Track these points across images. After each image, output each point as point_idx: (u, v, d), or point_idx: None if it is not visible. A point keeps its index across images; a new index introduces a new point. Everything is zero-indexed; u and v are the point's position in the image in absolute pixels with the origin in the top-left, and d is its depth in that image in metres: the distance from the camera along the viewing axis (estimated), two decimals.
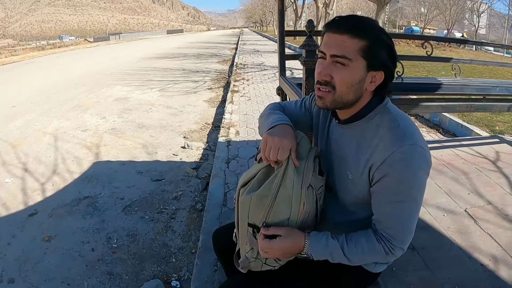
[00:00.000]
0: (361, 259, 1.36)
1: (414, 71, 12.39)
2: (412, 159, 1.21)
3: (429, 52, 4.05)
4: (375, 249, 1.31)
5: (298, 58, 3.11)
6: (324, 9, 29.12)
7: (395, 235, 1.29)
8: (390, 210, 1.28)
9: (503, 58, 24.86)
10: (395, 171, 1.22)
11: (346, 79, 1.26)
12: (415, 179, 1.24)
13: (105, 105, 9.47)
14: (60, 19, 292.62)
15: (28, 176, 5.12)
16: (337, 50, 1.24)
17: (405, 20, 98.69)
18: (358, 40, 1.22)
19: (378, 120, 1.32)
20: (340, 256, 1.33)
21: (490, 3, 63.69)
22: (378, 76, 1.28)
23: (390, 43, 1.27)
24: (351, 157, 1.37)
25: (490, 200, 3.16)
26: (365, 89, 1.30)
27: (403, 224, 1.29)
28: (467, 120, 6.61)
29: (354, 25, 1.23)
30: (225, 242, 1.72)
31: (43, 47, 57.49)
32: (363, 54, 1.23)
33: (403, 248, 1.32)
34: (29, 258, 3.34)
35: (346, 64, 1.24)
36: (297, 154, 1.36)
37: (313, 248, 1.34)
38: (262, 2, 68.43)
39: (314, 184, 1.34)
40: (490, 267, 2.30)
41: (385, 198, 1.28)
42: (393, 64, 1.29)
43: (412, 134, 1.24)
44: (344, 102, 1.31)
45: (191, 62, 20.30)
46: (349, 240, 1.34)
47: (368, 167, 1.29)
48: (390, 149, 1.22)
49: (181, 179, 4.88)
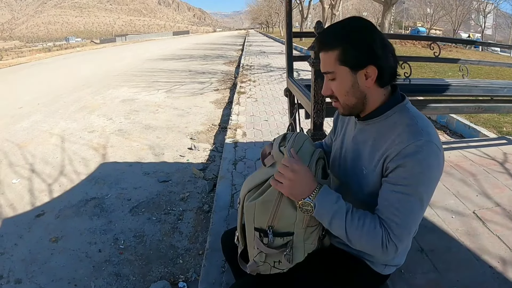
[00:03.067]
0: (357, 237, 1.29)
1: (421, 72, 12.34)
2: (426, 155, 1.21)
3: (437, 53, 4.03)
4: (375, 231, 1.26)
5: (305, 60, 3.10)
6: (330, 10, 29.13)
7: (394, 229, 1.25)
8: (393, 200, 1.26)
9: (509, 58, 24.75)
10: (408, 163, 1.22)
11: (339, 89, 1.35)
12: (425, 175, 1.23)
13: (112, 107, 9.49)
14: (67, 20, 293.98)
15: (35, 177, 5.13)
16: (323, 67, 1.36)
17: (411, 20, 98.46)
18: (331, 52, 1.30)
19: (397, 118, 1.33)
20: (339, 222, 1.28)
21: (496, 4, 63.45)
22: (371, 71, 1.29)
23: (370, 39, 1.28)
24: (366, 152, 1.39)
25: (499, 202, 3.14)
26: (365, 87, 1.33)
27: (403, 220, 1.25)
28: (474, 121, 6.58)
29: (323, 40, 1.33)
30: (234, 244, 1.70)
31: (50, 48, 57.69)
32: (340, 63, 1.30)
33: (397, 247, 1.26)
34: (36, 258, 3.34)
35: (334, 77, 1.33)
36: (300, 157, 1.36)
37: (321, 198, 1.30)
38: (268, 4, 68.50)
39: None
40: (498, 269, 2.28)
41: (392, 187, 1.26)
42: (379, 55, 1.28)
43: (429, 133, 1.25)
44: (352, 106, 1.38)
45: (197, 63, 20.33)
46: (355, 211, 1.31)
47: (383, 159, 1.29)
48: (406, 142, 1.23)
49: (188, 180, 4.87)
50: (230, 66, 18.39)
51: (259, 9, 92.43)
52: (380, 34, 1.31)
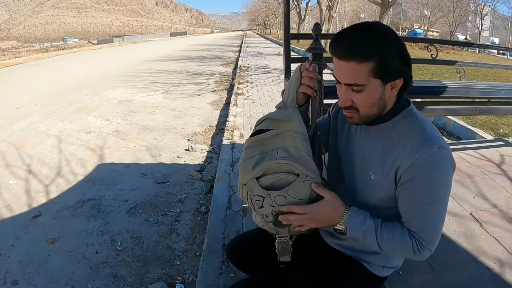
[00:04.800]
0: (390, 248, 1.35)
1: (418, 74, 12.42)
2: (439, 162, 1.24)
3: (434, 55, 4.05)
4: (405, 242, 1.31)
5: (303, 61, 3.10)
6: (327, 11, 29.18)
7: (424, 237, 1.30)
8: (418, 212, 1.29)
9: (506, 60, 24.87)
10: (424, 173, 1.24)
11: (365, 101, 1.28)
12: (442, 181, 1.26)
13: (109, 107, 9.48)
14: (64, 21, 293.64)
15: (32, 178, 5.12)
16: (349, 79, 1.25)
17: (408, 22, 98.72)
18: (366, 64, 1.20)
19: (405, 124, 1.33)
20: (371, 237, 1.33)
21: (493, 6, 63.77)
22: (398, 83, 1.28)
23: (400, 48, 1.24)
24: (375, 158, 1.38)
25: (496, 203, 3.17)
26: (388, 98, 1.31)
27: (431, 226, 1.30)
28: (471, 123, 6.62)
29: (357, 49, 1.20)
30: (242, 252, 1.83)
31: (47, 49, 57.61)
32: (375, 75, 1.22)
33: (431, 250, 1.33)
34: (33, 260, 3.33)
35: (362, 89, 1.25)
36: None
37: (350, 221, 1.35)
38: (266, 5, 68.55)
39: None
40: (495, 271, 2.31)
41: (413, 200, 1.29)
42: (409, 66, 1.28)
43: (438, 138, 1.27)
44: (371, 117, 1.33)
45: (194, 64, 20.32)
46: (384, 226, 1.34)
47: (395, 168, 1.30)
48: (419, 151, 1.23)
49: (185, 181, 4.87)
50: (227, 67, 18.39)
51: (256, 11, 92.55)
52: (400, 39, 1.27)
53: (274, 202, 1.35)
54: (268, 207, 1.37)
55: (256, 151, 1.41)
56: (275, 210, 1.37)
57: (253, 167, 1.37)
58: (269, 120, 1.42)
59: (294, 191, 1.34)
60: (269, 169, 1.36)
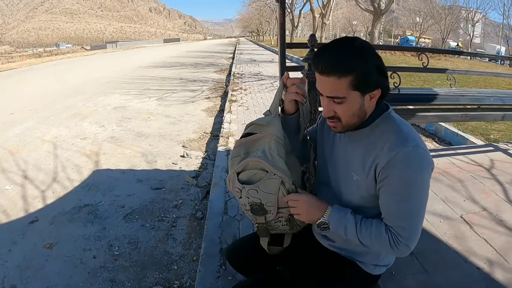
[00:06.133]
0: (369, 243, 1.44)
1: (410, 81, 12.53)
2: (414, 160, 1.32)
3: (425, 63, 4.14)
4: (381, 237, 1.40)
5: (298, 70, 3.18)
6: (320, 19, 29.32)
7: (401, 232, 1.37)
8: (395, 208, 1.38)
9: (497, 67, 25.10)
10: (399, 171, 1.32)
11: (346, 112, 1.38)
12: (418, 178, 1.34)
13: (104, 114, 9.51)
14: (57, 26, 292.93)
15: (28, 184, 5.14)
16: (330, 92, 1.36)
17: (401, 29, 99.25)
18: (345, 78, 1.30)
19: (384, 126, 1.42)
20: (352, 232, 1.44)
21: (484, 13, 64.31)
22: (376, 93, 1.38)
23: (377, 62, 1.34)
24: (357, 160, 1.47)
25: (485, 206, 3.25)
26: (368, 107, 1.40)
27: (408, 222, 1.37)
28: (462, 129, 6.71)
29: (336, 65, 1.30)
30: (241, 255, 1.94)
31: (40, 54, 57.35)
32: (353, 88, 1.32)
33: (409, 246, 1.40)
34: (30, 265, 3.35)
35: (343, 101, 1.35)
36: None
37: (333, 216, 1.48)
38: (259, 12, 68.47)
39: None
40: (485, 270, 2.38)
41: (390, 197, 1.37)
42: (386, 77, 1.39)
43: (414, 138, 1.35)
44: (352, 125, 1.43)
45: (188, 71, 20.37)
46: (363, 221, 1.44)
47: (374, 167, 1.39)
48: (395, 149, 1.32)
49: (181, 187, 4.92)
50: (221, 74, 18.45)
51: (249, 17, 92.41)
52: (378, 53, 1.37)
53: (248, 194, 1.54)
54: (245, 198, 1.56)
55: (242, 150, 1.60)
56: (250, 201, 1.56)
57: (237, 164, 1.56)
58: (255, 125, 1.62)
59: (264, 186, 1.50)
60: (247, 166, 1.54)
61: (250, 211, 1.60)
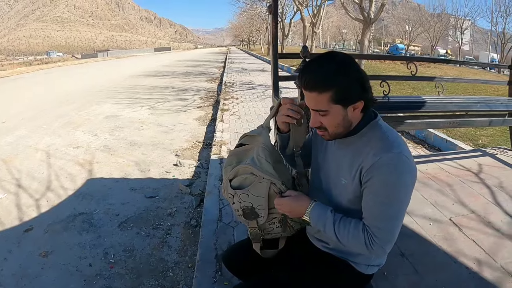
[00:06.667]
0: (347, 242, 1.52)
1: (400, 89, 12.71)
2: (397, 165, 1.40)
3: (414, 72, 4.24)
4: (358, 236, 1.47)
5: (291, 80, 3.25)
6: (311, 28, 29.47)
7: (377, 233, 1.44)
8: (374, 210, 1.46)
9: (486, 74, 25.39)
10: (381, 174, 1.41)
11: (331, 122, 1.48)
12: (400, 184, 1.42)
13: (96, 123, 9.53)
14: (48, 34, 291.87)
15: (22, 192, 5.15)
16: (314, 106, 1.47)
17: (390, 37, 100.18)
18: (325, 94, 1.41)
19: (371, 134, 1.51)
20: (330, 229, 1.52)
21: (473, 20, 65.07)
22: (359, 105, 1.46)
23: (357, 77, 1.43)
24: (345, 165, 1.56)
25: (474, 209, 3.33)
26: (352, 117, 1.49)
27: (385, 224, 1.44)
28: (451, 135, 6.83)
29: (317, 82, 1.41)
30: (238, 260, 2.01)
31: (31, 62, 57.22)
32: (334, 102, 1.42)
33: (384, 248, 1.46)
34: (26, 273, 3.37)
35: (326, 114, 1.45)
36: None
37: (313, 213, 1.58)
38: (250, 21, 68.60)
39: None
40: (474, 270, 2.45)
41: (371, 198, 1.45)
42: (367, 91, 1.47)
43: (399, 145, 1.43)
44: (339, 134, 1.53)
45: (179, 80, 20.43)
46: (342, 220, 1.53)
47: (359, 171, 1.47)
48: (379, 154, 1.41)
49: (175, 196, 4.96)
50: (212, 83, 18.54)
51: (240, 26, 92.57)
52: (360, 68, 1.46)
53: (240, 199, 1.67)
54: (237, 203, 1.69)
55: (234, 159, 1.75)
56: (242, 206, 1.68)
57: (230, 172, 1.70)
58: (248, 136, 1.79)
59: (254, 189, 1.63)
60: (238, 172, 1.67)
61: (243, 216, 1.71)
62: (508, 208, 3.35)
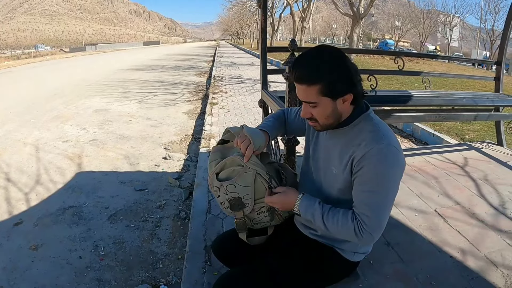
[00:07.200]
0: (336, 231, 1.58)
1: (388, 84, 12.81)
2: (386, 156, 1.46)
3: (401, 66, 4.30)
4: (347, 225, 1.53)
5: (279, 73, 3.29)
6: (300, 22, 29.53)
7: (366, 221, 1.50)
8: (364, 198, 1.51)
9: (474, 70, 25.75)
10: (371, 164, 1.47)
11: (320, 114, 1.55)
12: (388, 173, 1.48)
13: (85, 116, 9.49)
14: (36, 28, 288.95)
15: (11, 186, 5.14)
16: (304, 98, 1.54)
17: (380, 33, 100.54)
18: (314, 86, 1.47)
19: (362, 126, 1.57)
20: (319, 219, 1.59)
21: (462, 17, 65.56)
22: (347, 97, 1.52)
23: (345, 70, 1.49)
24: (336, 155, 1.63)
25: (459, 201, 3.39)
26: (342, 109, 1.55)
27: (374, 213, 1.50)
28: (438, 129, 6.93)
29: (306, 75, 1.48)
30: (227, 249, 2.09)
31: (18, 56, 56.69)
32: (323, 94, 1.49)
33: (372, 235, 1.52)
34: (17, 266, 3.38)
35: (316, 105, 1.52)
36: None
37: (301, 205, 1.66)
38: (239, 15, 68.42)
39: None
40: (458, 259, 2.51)
41: (361, 187, 1.52)
42: (354, 84, 1.52)
43: (389, 137, 1.50)
44: (329, 125, 1.60)
45: (168, 74, 20.36)
46: (331, 210, 1.59)
47: (351, 160, 1.53)
48: (370, 145, 1.47)
49: (164, 188, 4.99)
50: (201, 77, 18.53)
51: (230, 21, 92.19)
52: (350, 61, 1.52)
53: (227, 190, 1.73)
54: (223, 195, 1.75)
55: (218, 155, 1.84)
56: (228, 197, 1.75)
57: (215, 166, 1.77)
58: (230, 133, 1.88)
59: (240, 179, 1.71)
60: (225, 165, 1.75)
61: (229, 208, 1.77)
62: (492, 200, 3.41)
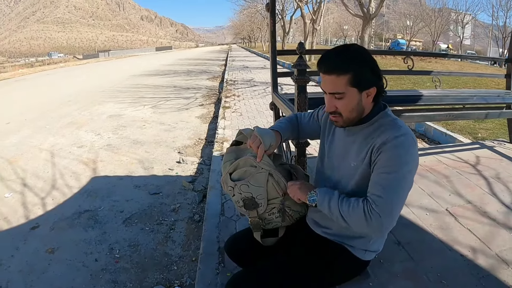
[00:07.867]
0: (347, 214, 1.58)
1: (400, 83, 12.75)
2: (403, 143, 1.51)
3: (411, 66, 4.30)
4: (358, 206, 1.55)
5: (289, 76, 3.31)
6: (311, 24, 29.47)
7: (377, 201, 1.51)
8: (378, 179, 1.54)
9: (487, 68, 25.49)
10: (388, 149, 1.51)
11: (346, 107, 1.58)
12: (405, 157, 1.51)
13: (99, 122, 9.59)
14: (49, 36, 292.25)
15: (28, 191, 5.22)
16: (331, 88, 1.57)
17: (391, 33, 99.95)
18: (343, 76, 1.52)
19: (381, 121, 1.62)
20: (335, 205, 1.61)
21: (474, 14, 64.97)
22: (371, 91, 1.57)
23: (371, 65, 1.55)
24: (354, 150, 1.67)
25: (470, 199, 3.36)
26: (365, 103, 1.60)
27: (386, 194, 1.50)
28: (450, 128, 6.87)
29: (336, 65, 1.54)
30: (240, 249, 2.13)
31: (32, 64, 57.39)
32: (351, 85, 1.53)
33: (381, 218, 1.50)
34: (33, 269, 3.43)
35: (342, 96, 1.55)
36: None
37: (320, 191, 1.70)
38: (250, 19, 68.36)
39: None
40: (469, 257, 2.49)
41: (377, 170, 1.55)
42: (380, 78, 1.59)
43: (407, 129, 1.55)
44: (352, 120, 1.63)
45: (181, 79, 20.48)
46: (345, 198, 1.62)
47: (370, 151, 1.58)
48: (388, 134, 1.52)
49: (178, 192, 5.03)
50: (214, 82, 18.61)
51: (241, 24, 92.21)
52: (372, 57, 1.58)
53: (241, 190, 1.79)
54: (237, 195, 1.81)
55: (233, 155, 1.89)
56: (242, 197, 1.80)
57: (229, 166, 1.83)
58: (242, 135, 1.92)
59: (253, 180, 1.76)
60: (238, 165, 1.81)
61: (244, 207, 1.81)
62: (504, 199, 3.38)
